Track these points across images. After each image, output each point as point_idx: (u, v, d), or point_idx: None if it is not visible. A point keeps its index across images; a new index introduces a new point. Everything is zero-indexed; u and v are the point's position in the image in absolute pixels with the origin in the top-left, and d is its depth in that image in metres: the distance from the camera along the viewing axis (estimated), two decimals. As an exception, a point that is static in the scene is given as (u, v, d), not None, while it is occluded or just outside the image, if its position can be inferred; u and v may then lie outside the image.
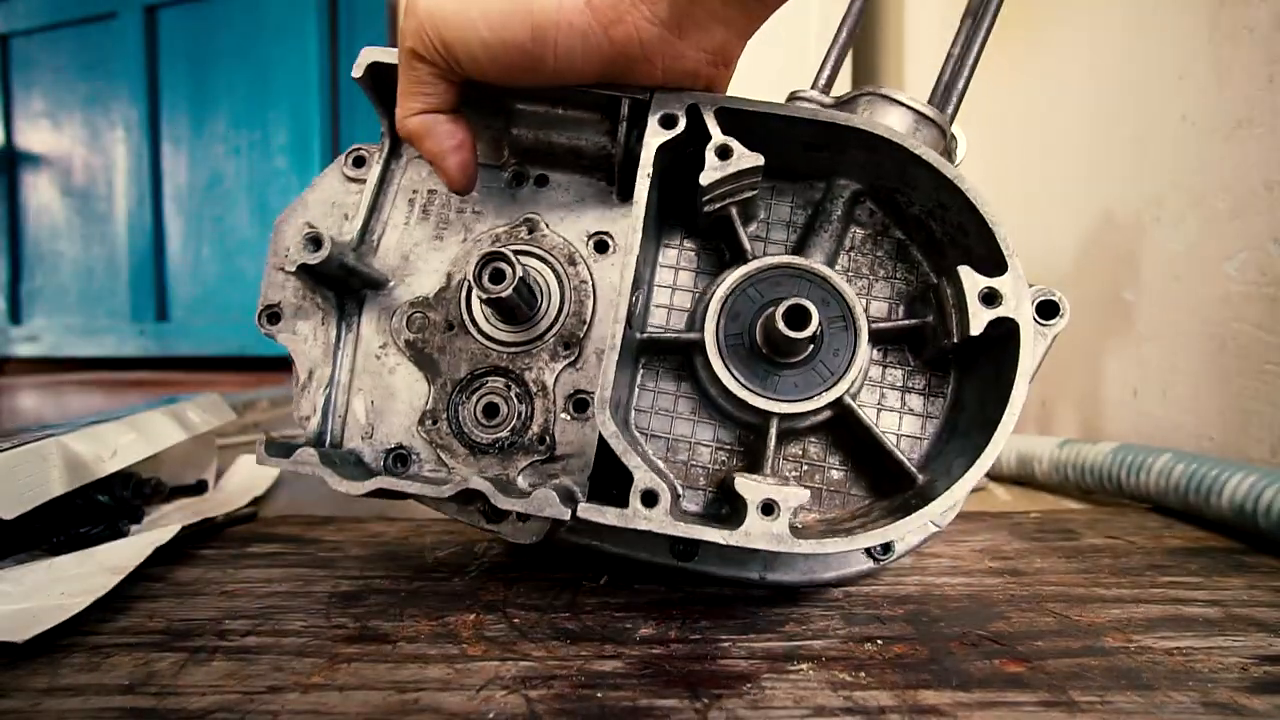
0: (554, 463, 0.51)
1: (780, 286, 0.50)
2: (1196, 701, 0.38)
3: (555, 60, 0.43)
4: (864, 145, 0.49)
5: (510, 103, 0.51)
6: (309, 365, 0.51)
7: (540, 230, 0.53)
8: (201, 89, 2.90)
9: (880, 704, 0.37)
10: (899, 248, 0.54)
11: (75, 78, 3.05)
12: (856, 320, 0.49)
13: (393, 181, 0.55)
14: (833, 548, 0.43)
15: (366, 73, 0.50)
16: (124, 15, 2.92)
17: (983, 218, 0.46)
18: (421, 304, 0.53)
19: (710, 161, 0.46)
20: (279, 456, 0.46)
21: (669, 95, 0.47)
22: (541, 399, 0.51)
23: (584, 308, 0.52)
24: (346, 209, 0.54)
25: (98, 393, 2.29)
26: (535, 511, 0.43)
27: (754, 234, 0.54)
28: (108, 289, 3.06)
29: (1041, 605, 0.51)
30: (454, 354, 0.52)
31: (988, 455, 0.43)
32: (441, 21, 0.43)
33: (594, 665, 0.42)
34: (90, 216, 3.07)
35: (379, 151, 0.54)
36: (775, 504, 0.42)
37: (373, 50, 0.50)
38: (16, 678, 0.40)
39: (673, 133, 0.47)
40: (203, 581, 0.55)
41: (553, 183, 0.54)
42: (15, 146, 3.15)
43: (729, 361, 0.50)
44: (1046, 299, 0.46)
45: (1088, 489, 0.84)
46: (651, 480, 0.42)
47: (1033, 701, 0.38)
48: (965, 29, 0.61)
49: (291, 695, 0.38)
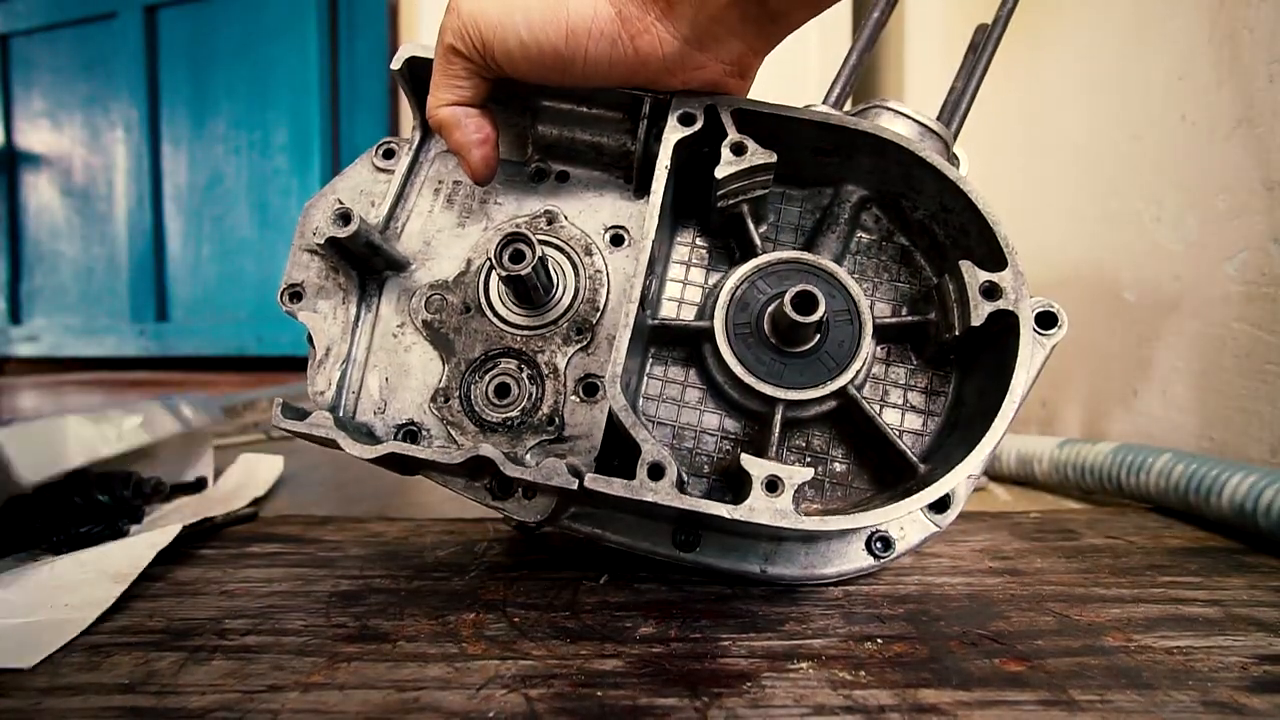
0: (562, 443, 0.52)
1: (788, 280, 0.51)
2: (1196, 701, 0.38)
3: (584, 64, 0.46)
4: (872, 150, 0.51)
5: (537, 100, 0.54)
6: (327, 342, 0.52)
7: (559, 222, 0.55)
8: (201, 89, 2.90)
9: (880, 703, 0.37)
10: (903, 253, 0.56)
11: (75, 78, 3.04)
12: (862, 314, 0.51)
13: (420, 172, 0.57)
14: (835, 525, 0.44)
15: (405, 66, 0.52)
16: (124, 15, 2.91)
17: (984, 219, 0.48)
18: (441, 286, 0.54)
19: (726, 156, 0.48)
20: (294, 419, 0.47)
21: (689, 96, 0.50)
22: (553, 381, 0.52)
23: (598, 295, 0.54)
24: (374, 197, 0.56)
25: (98, 393, 2.29)
26: (543, 480, 0.44)
27: (763, 235, 0.55)
28: (108, 289, 3.05)
29: (1041, 605, 0.51)
30: (469, 335, 0.54)
31: (989, 438, 0.44)
32: (484, 21, 0.46)
33: (594, 664, 0.42)
34: (90, 216, 3.07)
35: (409, 145, 0.56)
36: (779, 480, 0.43)
37: (412, 45, 0.52)
38: (16, 678, 0.40)
39: (691, 130, 0.49)
40: (203, 581, 0.55)
41: (573, 179, 0.57)
42: (15, 146, 3.15)
43: (737, 350, 0.51)
44: (1045, 310, 0.47)
45: (1088, 489, 0.84)
46: (659, 453, 0.43)
47: (1033, 700, 0.38)
48: (968, 63, 0.64)
49: (291, 694, 0.38)
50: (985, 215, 0.48)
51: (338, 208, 0.48)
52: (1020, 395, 0.45)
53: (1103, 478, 0.81)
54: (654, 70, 0.47)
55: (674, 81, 0.49)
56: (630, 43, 0.45)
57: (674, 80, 0.48)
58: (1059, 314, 0.48)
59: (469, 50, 0.47)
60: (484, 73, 0.48)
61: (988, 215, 0.48)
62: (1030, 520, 0.73)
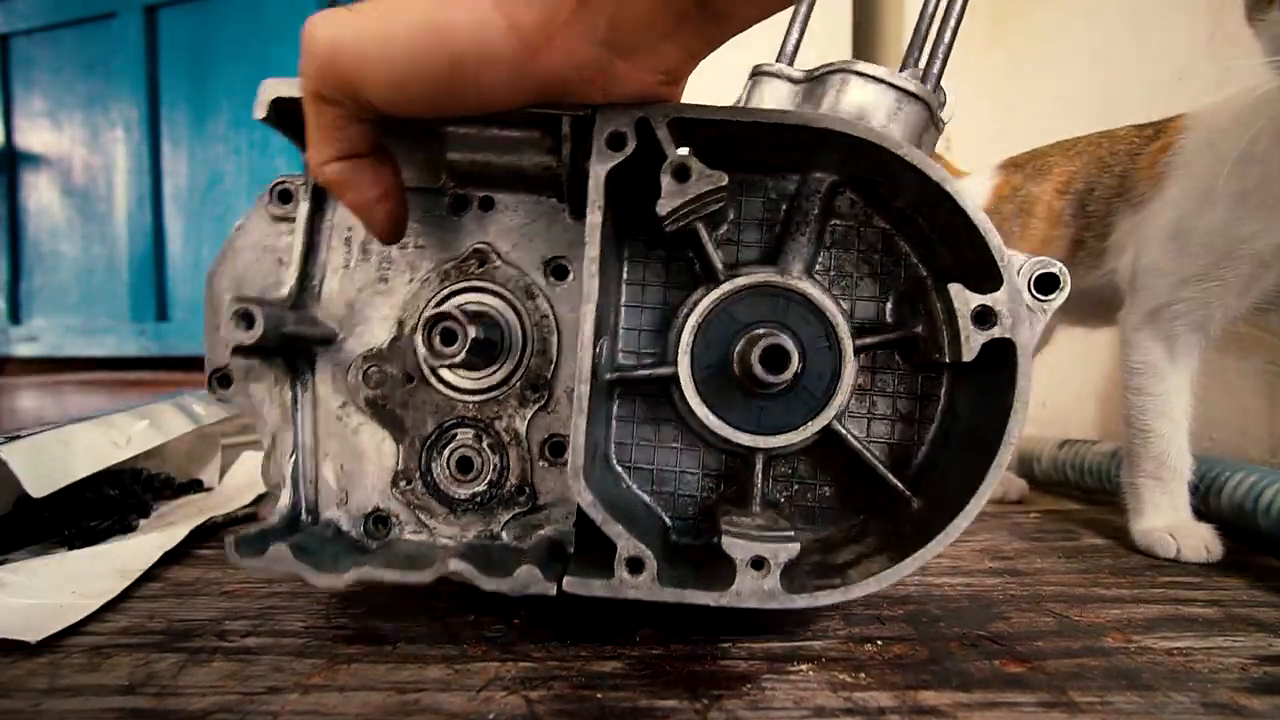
0: (537, 513, 0.49)
1: (756, 307, 0.47)
2: (1196, 702, 0.38)
3: (479, 92, 0.38)
4: (841, 142, 0.45)
5: (439, 126, 0.47)
6: (271, 430, 0.48)
7: (492, 261, 0.49)
8: (201, 89, 2.89)
9: (880, 705, 0.37)
10: (884, 238, 0.49)
11: (75, 78, 3.04)
12: (841, 340, 0.47)
13: (325, 218, 0.49)
14: (826, 600, 0.41)
15: (271, 111, 0.44)
16: (124, 15, 2.91)
17: (973, 222, 0.42)
18: (376, 356, 0.49)
19: (667, 186, 0.41)
20: (253, 555, 0.42)
21: (615, 111, 0.41)
22: (515, 448, 0.49)
23: (548, 345, 0.49)
24: (279, 253, 0.48)
25: (98, 393, 2.29)
26: (519, 592, 0.41)
27: (725, 236, 0.50)
28: (108, 289, 3.05)
29: (1041, 605, 0.51)
30: (417, 408, 0.49)
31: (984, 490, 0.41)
32: (343, 58, 0.36)
33: (594, 666, 0.42)
34: (90, 216, 3.07)
35: (305, 185, 0.48)
36: (765, 560, 0.41)
37: (272, 84, 0.43)
38: (16, 678, 0.40)
39: (622, 154, 0.42)
40: (203, 582, 0.55)
41: (499, 205, 0.50)
42: (15, 146, 3.15)
43: (707, 395, 0.47)
44: (1045, 272, 0.42)
45: (1088, 489, 0.84)
46: (635, 548, 0.41)
47: (1033, 702, 0.38)
48: None
49: (291, 696, 0.38)
50: (978, 225, 0.42)
51: (237, 307, 0.41)
52: (1017, 436, 0.41)
53: (1103, 478, 0.81)
54: (567, 84, 0.38)
55: (594, 93, 0.40)
56: (531, 59, 0.36)
57: (594, 92, 0.40)
58: (1060, 274, 0.42)
59: (336, 95, 0.38)
60: (362, 115, 0.39)
61: (980, 225, 0.42)
62: (1030, 520, 0.73)
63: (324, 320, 0.49)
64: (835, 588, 0.42)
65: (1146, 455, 0.66)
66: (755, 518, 0.46)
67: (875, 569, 0.42)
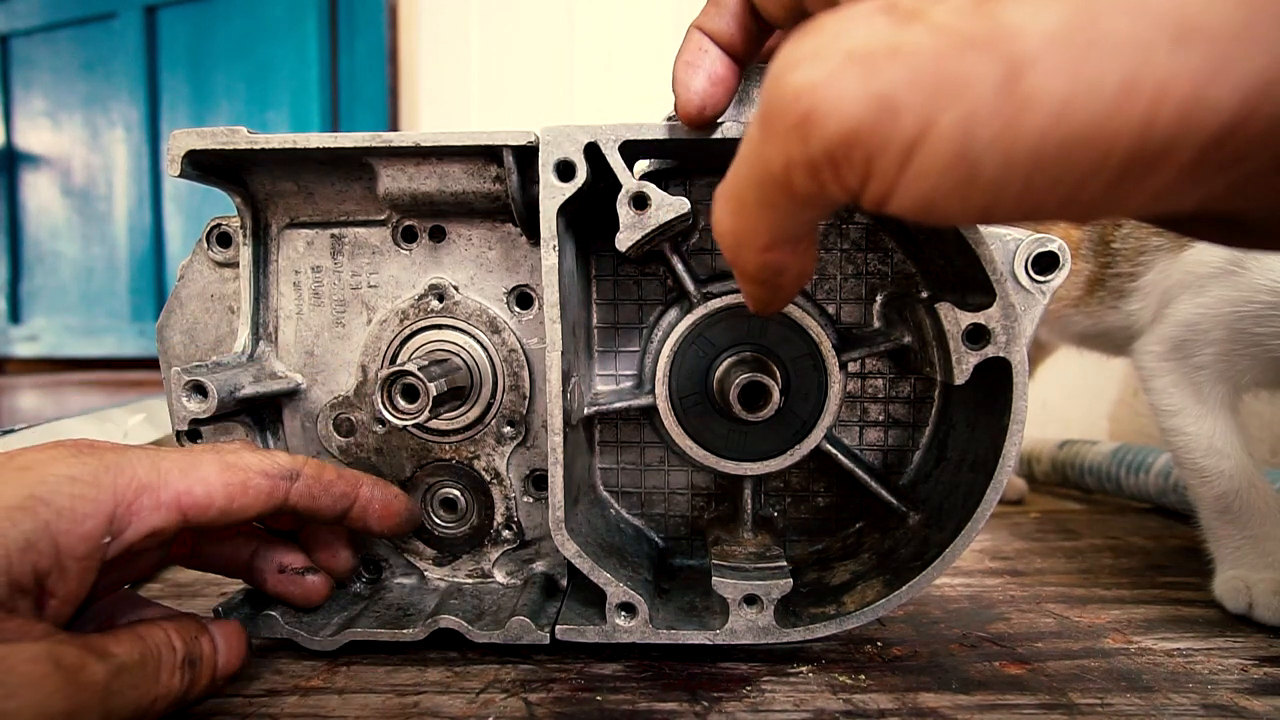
0: (526, 548, 0.49)
1: (734, 330, 0.45)
2: (1196, 704, 0.38)
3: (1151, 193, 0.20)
4: None
5: (368, 162, 0.43)
6: None
7: (452, 297, 0.46)
8: (201, 89, 2.90)
9: (880, 707, 0.37)
10: (867, 234, 0.47)
11: (75, 78, 3.04)
12: (825, 358, 0.45)
13: (269, 260, 0.47)
14: (822, 633, 0.41)
15: (185, 164, 0.41)
16: (124, 15, 2.91)
17: (959, 232, 0.38)
18: (343, 404, 0.47)
19: (624, 218, 0.38)
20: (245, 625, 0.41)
21: (559, 134, 0.38)
22: (497, 486, 0.48)
23: (520, 379, 0.47)
24: (228, 300, 0.47)
25: (98, 393, 2.29)
26: (512, 642, 0.42)
27: (697, 245, 0.47)
28: (108, 289, 3.05)
29: (1041, 606, 0.51)
30: (393, 453, 0.48)
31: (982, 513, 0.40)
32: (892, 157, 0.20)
33: (593, 668, 0.42)
34: (90, 216, 3.07)
35: (243, 228, 0.46)
36: (758, 597, 0.41)
37: (181, 138, 0.41)
38: (16, 681, 0.40)
39: (574, 185, 0.38)
40: (202, 583, 0.55)
41: (451, 235, 0.46)
42: (15, 146, 3.15)
43: (689, 424, 0.46)
44: (1044, 250, 0.38)
45: (1088, 489, 0.84)
46: (625, 594, 0.41)
47: (1033, 704, 0.38)
48: None
49: (290, 699, 0.38)
50: (964, 235, 0.38)
51: (187, 380, 0.40)
52: (1015, 458, 0.39)
53: (1103, 478, 0.81)
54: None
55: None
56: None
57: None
58: (1060, 253, 0.38)
59: (831, 185, 0.23)
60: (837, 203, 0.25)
61: (967, 235, 0.38)
62: (1030, 520, 0.73)
63: (285, 372, 0.47)
64: (830, 618, 0.42)
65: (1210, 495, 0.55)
66: (746, 545, 0.45)
67: (871, 596, 0.42)
